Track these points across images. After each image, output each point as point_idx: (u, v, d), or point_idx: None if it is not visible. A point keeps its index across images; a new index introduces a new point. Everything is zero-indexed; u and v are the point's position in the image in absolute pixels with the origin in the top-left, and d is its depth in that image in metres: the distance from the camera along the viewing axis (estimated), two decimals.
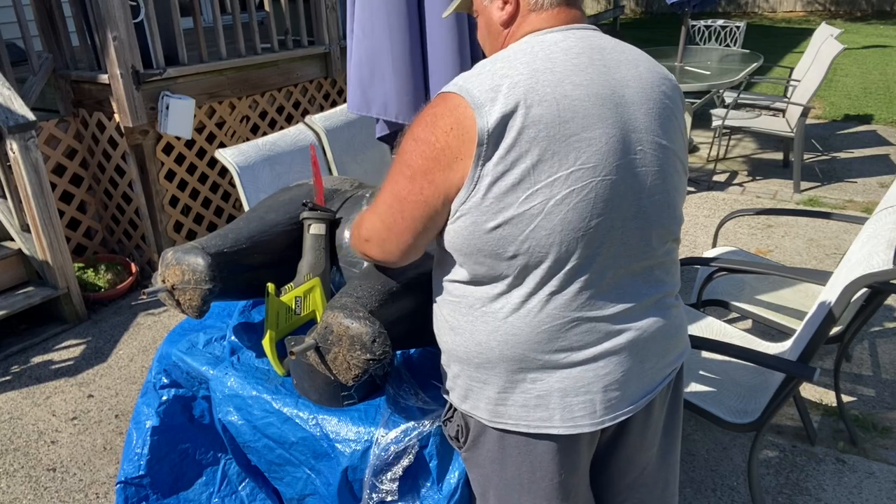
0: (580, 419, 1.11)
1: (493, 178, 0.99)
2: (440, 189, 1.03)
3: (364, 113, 2.17)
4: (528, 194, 0.99)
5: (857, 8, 12.69)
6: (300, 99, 4.41)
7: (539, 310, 1.06)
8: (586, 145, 0.99)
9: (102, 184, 3.76)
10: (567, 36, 1.06)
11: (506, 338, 1.08)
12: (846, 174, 4.88)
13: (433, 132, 1.02)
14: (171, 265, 1.44)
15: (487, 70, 1.02)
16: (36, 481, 2.33)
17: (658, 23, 12.96)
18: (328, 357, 1.22)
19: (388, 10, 1.98)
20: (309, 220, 1.60)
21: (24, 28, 3.32)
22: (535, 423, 1.12)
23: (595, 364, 1.09)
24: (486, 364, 1.11)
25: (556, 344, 1.07)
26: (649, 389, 1.17)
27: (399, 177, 1.07)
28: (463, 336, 1.13)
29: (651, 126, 1.06)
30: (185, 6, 5.03)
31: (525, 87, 0.98)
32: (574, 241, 1.02)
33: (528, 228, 1.00)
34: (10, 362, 3.01)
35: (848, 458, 2.25)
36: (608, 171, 1.01)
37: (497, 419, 1.14)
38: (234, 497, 1.77)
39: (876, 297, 1.98)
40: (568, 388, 1.10)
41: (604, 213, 1.02)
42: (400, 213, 1.08)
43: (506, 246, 1.02)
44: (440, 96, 1.04)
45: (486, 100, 0.98)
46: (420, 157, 1.03)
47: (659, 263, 1.13)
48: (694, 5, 4.71)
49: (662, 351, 1.17)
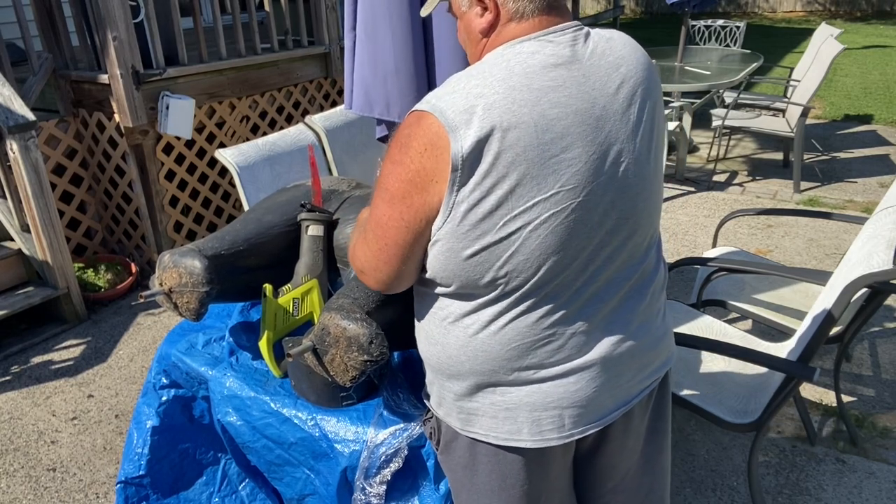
0: (548, 433, 1.11)
1: (470, 205, 0.95)
2: (420, 213, 0.99)
3: (367, 114, 2.17)
4: (506, 220, 0.96)
5: (857, 8, 12.68)
6: (300, 99, 4.41)
7: (511, 329, 1.05)
8: (566, 166, 0.96)
9: (102, 184, 3.76)
10: (544, 45, 1.00)
11: (475, 353, 1.08)
12: (846, 174, 4.87)
13: (407, 154, 0.98)
14: (168, 268, 1.44)
15: (462, 88, 0.97)
16: (36, 481, 2.33)
17: (658, 23, 12.95)
18: (325, 359, 1.22)
19: (389, 10, 1.98)
20: (307, 222, 1.60)
21: (24, 28, 3.32)
22: (503, 436, 1.12)
23: (565, 380, 1.08)
24: (457, 376, 1.12)
25: (526, 361, 1.07)
26: (624, 402, 1.16)
27: (379, 201, 1.03)
28: (436, 346, 1.13)
29: (632, 133, 1.02)
30: (185, 6, 5.03)
31: (501, 108, 0.93)
32: (552, 262, 1.00)
33: (506, 254, 0.98)
34: (10, 362, 3.01)
35: (848, 458, 2.25)
36: (588, 190, 0.98)
37: (468, 428, 1.15)
38: (234, 497, 1.77)
39: (876, 297, 1.98)
40: (536, 402, 1.09)
41: (583, 233, 1.00)
42: (384, 240, 1.04)
43: (483, 273, 1.00)
44: (413, 115, 0.99)
45: (461, 122, 0.93)
46: (397, 180, 0.99)
47: (640, 276, 1.11)
48: (694, 5, 4.70)
49: (641, 364, 1.15)
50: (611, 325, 1.10)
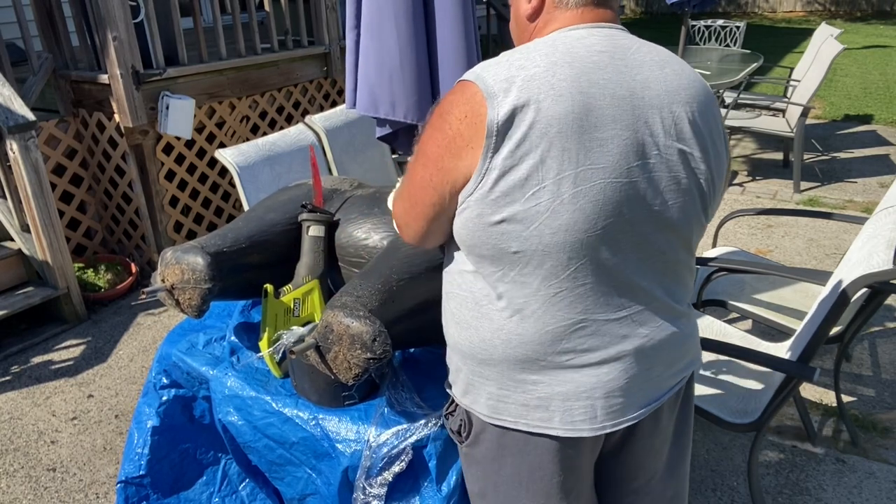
0: (580, 423, 1.10)
1: (501, 172, 0.97)
2: (448, 177, 1.03)
3: (372, 114, 2.17)
4: (535, 191, 0.97)
5: (857, 8, 12.69)
6: (300, 99, 4.41)
7: (544, 311, 1.05)
8: (597, 145, 0.97)
9: (102, 184, 3.76)
10: (592, 33, 1.05)
11: (509, 337, 1.08)
12: (846, 174, 4.88)
13: (447, 120, 1.02)
14: (171, 264, 1.44)
15: (506, 60, 1.01)
16: (36, 481, 2.33)
17: (658, 23, 12.96)
18: (328, 356, 1.22)
19: (395, 10, 1.98)
20: (308, 222, 1.60)
21: (24, 28, 3.32)
22: (534, 423, 1.11)
23: (599, 369, 1.08)
24: (489, 361, 1.11)
25: (560, 346, 1.07)
26: (655, 398, 1.16)
27: (415, 164, 1.09)
28: (468, 331, 1.13)
29: (670, 130, 1.03)
30: (185, 6, 5.03)
31: (540, 80, 0.97)
32: (580, 242, 1.00)
33: (533, 225, 0.99)
34: (10, 362, 3.01)
35: (848, 458, 2.25)
36: (618, 173, 0.99)
37: (496, 415, 1.14)
38: (235, 497, 1.77)
39: (876, 297, 1.98)
40: (569, 391, 1.09)
41: (613, 216, 1.00)
42: (414, 198, 1.10)
43: (509, 241, 1.01)
44: (459, 84, 1.04)
45: (500, 90, 0.97)
46: (433, 144, 1.04)
47: (670, 271, 1.11)
48: (694, 5, 4.70)
49: (671, 359, 1.15)
50: (642, 316, 1.10)
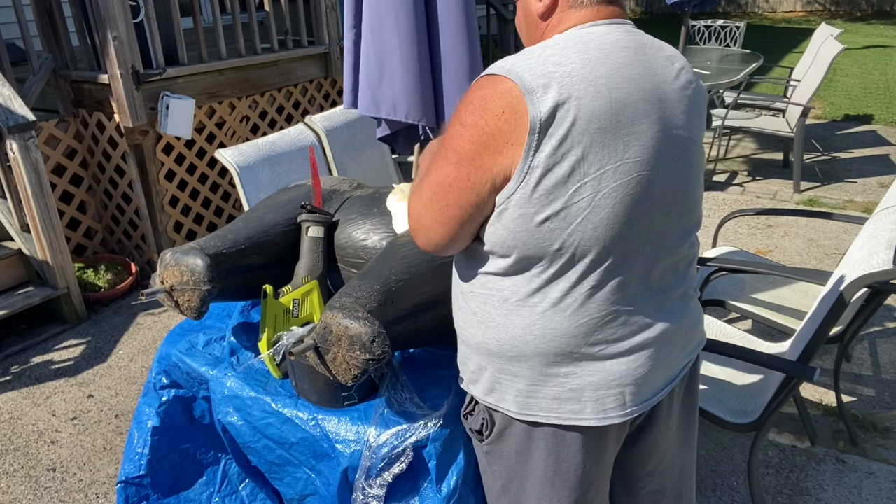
0: (611, 411, 1.12)
1: (545, 170, 0.98)
2: (488, 175, 1.01)
3: (373, 114, 2.17)
4: (578, 187, 0.98)
5: (857, 8, 12.68)
6: (300, 99, 4.41)
7: (579, 305, 1.06)
8: (634, 139, 1.00)
9: (102, 184, 3.76)
10: (613, 30, 1.06)
11: (543, 332, 1.08)
12: (846, 174, 4.87)
13: (483, 116, 1.00)
14: (170, 266, 1.44)
15: (537, 56, 1.01)
16: (36, 481, 2.33)
17: (658, 23, 12.95)
18: (327, 357, 1.22)
19: (395, 10, 1.98)
20: (307, 223, 1.60)
21: (24, 28, 3.32)
22: (566, 416, 1.12)
23: (627, 357, 1.11)
24: (519, 357, 1.11)
25: (593, 337, 1.08)
26: (671, 378, 1.20)
27: (444, 163, 1.05)
28: (495, 329, 1.12)
29: (685, 123, 1.08)
30: (185, 6, 5.03)
31: (579, 77, 0.98)
32: (618, 235, 1.02)
33: (576, 221, 1.00)
34: (10, 362, 3.01)
35: (848, 458, 2.25)
36: (653, 165, 1.02)
37: (526, 412, 1.14)
38: (235, 497, 1.77)
39: (876, 297, 1.98)
40: (601, 381, 1.11)
41: (648, 208, 1.04)
42: (445, 201, 1.05)
43: (553, 240, 1.01)
44: (488, 79, 1.01)
45: (538, 86, 0.97)
46: (468, 141, 1.01)
47: (684, 257, 1.16)
48: (694, 5, 4.70)
49: (685, 342, 1.19)
50: (665, 303, 1.14)
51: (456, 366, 1.51)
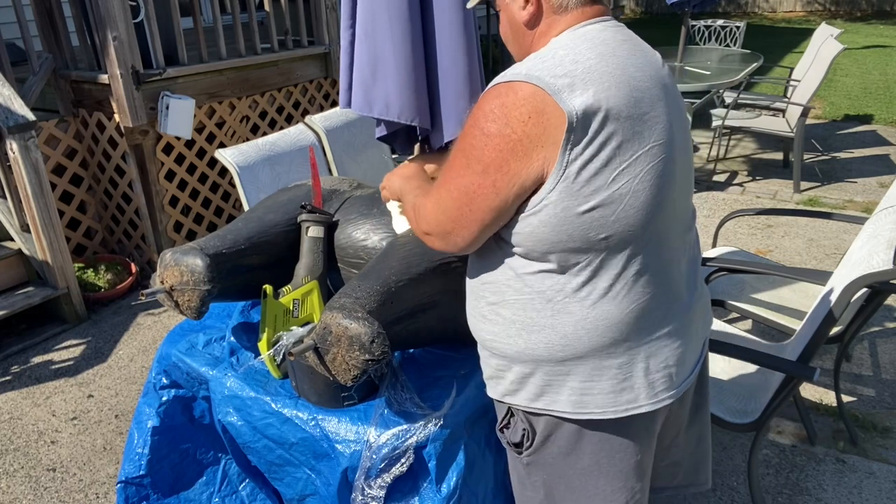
0: (661, 393, 1.14)
1: (583, 162, 0.99)
2: (515, 180, 1.02)
3: (365, 113, 2.16)
4: (616, 174, 1.01)
5: (857, 8, 12.68)
6: (300, 99, 4.41)
7: (627, 290, 1.08)
8: (655, 123, 1.04)
9: (102, 184, 3.76)
10: (605, 27, 1.09)
11: (595, 324, 1.08)
12: (846, 174, 4.87)
13: (508, 124, 1.00)
14: (170, 266, 1.44)
15: (551, 58, 1.02)
16: (36, 481, 2.33)
17: (658, 23, 12.95)
18: (327, 358, 1.22)
19: (388, 9, 1.98)
20: (307, 223, 1.60)
21: (24, 28, 3.32)
22: (622, 407, 1.13)
23: (671, 337, 1.14)
24: (572, 356, 1.11)
25: (642, 322, 1.10)
26: (699, 353, 1.25)
27: (467, 171, 1.05)
28: (541, 333, 1.11)
29: (679, 104, 1.13)
30: (185, 6, 5.03)
31: (599, 71, 1.01)
32: (654, 216, 1.06)
33: (620, 208, 1.02)
34: (10, 362, 3.01)
35: (848, 458, 2.25)
36: (671, 147, 1.07)
37: (581, 410, 1.13)
38: (235, 497, 1.77)
39: (876, 297, 1.98)
40: (650, 365, 1.13)
41: (672, 188, 1.08)
42: (468, 207, 1.07)
43: (598, 229, 1.03)
44: (505, 86, 1.01)
45: (563, 85, 0.99)
46: (494, 150, 1.02)
47: (695, 234, 1.21)
48: (694, 5, 4.71)
49: (704, 319, 1.26)
50: (688, 281, 1.18)
51: (456, 366, 1.51)
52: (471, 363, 1.50)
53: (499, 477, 1.48)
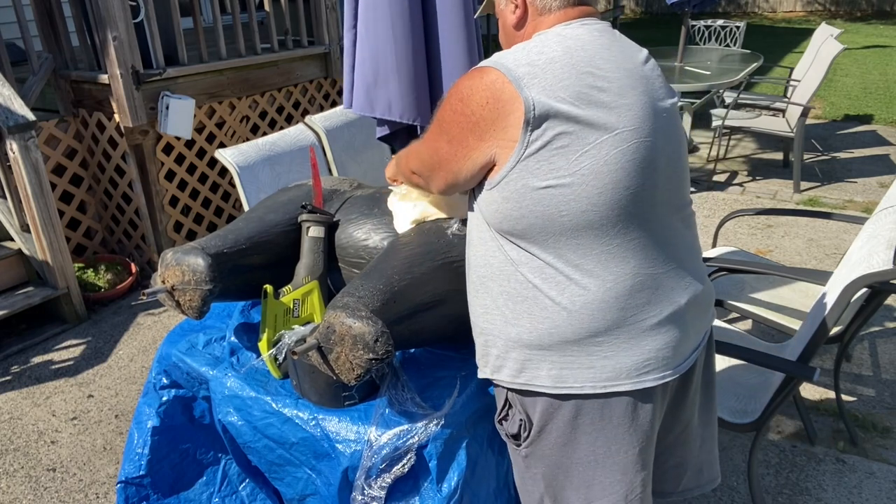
0: (645, 374, 1.15)
1: (543, 143, 1.04)
2: (471, 154, 1.11)
3: (367, 113, 2.17)
4: (578, 156, 1.05)
5: (857, 8, 12.69)
6: (300, 99, 4.41)
7: (602, 268, 1.10)
8: (625, 110, 1.07)
9: (102, 184, 3.76)
10: (584, 25, 1.14)
11: (573, 302, 1.11)
12: (846, 174, 4.88)
13: (469, 105, 1.09)
14: (171, 266, 1.44)
15: (521, 49, 1.10)
16: (36, 481, 2.33)
17: (658, 23, 12.95)
18: (331, 357, 1.22)
19: (391, 10, 1.98)
20: (307, 223, 1.60)
21: (24, 28, 3.32)
22: (601, 384, 1.14)
23: (657, 323, 1.14)
24: (552, 333, 1.13)
25: (624, 302, 1.11)
26: (696, 345, 1.24)
27: (439, 137, 1.17)
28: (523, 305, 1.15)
29: (664, 96, 1.15)
30: (185, 6, 5.03)
31: (562, 61, 1.06)
32: (625, 199, 1.07)
33: (581, 188, 1.05)
34: (10, 362, 3.01)
35: (848, 458, 2.25)
36: (647, 133, 1.09)
37: (560, 384, 1.15)
38: (235, 497, 1.77)
39: (876, 297, 1.98)
40: (634, 347, 1.13)
41: (648, 173, 1.09)
42: (438, 165, 1.18)
43: (557, 206, 1.06)
44: (477, 70, 1.10)
45: (524, 73, 1.05)
46: (457, 126, 1.12)
47: (690, 223, 1.22)
48: (694, 5, 4.71)
49: (704, 309, 1.25)
50: (683, 268, 1.19)
51: (457, 366, 1.51)
52: (472, 363, 1.50)
53: (501, 477, 1.48)
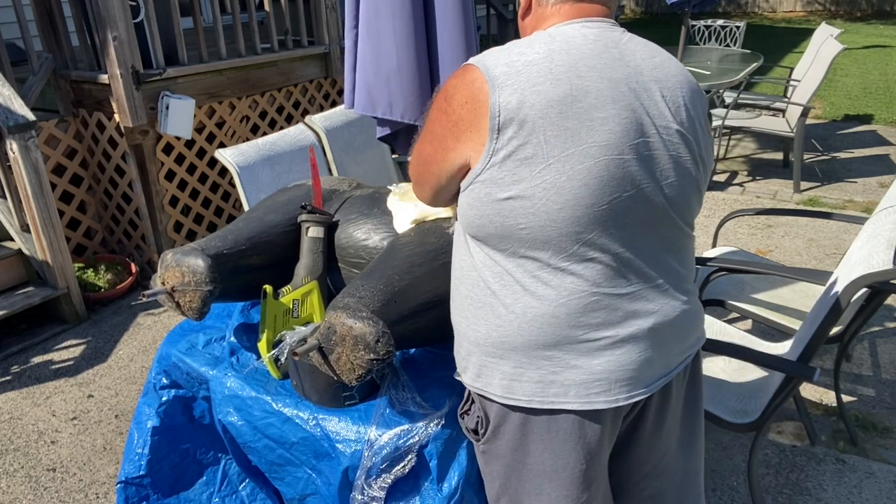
0: (595, 396, 1.12)
1: (509, 152, 1.02)
2: (450, 155, 1.10)
3: (369, 113, 2.17)
4: (541, 169, 1.01)
5: (857, 8, 12.68)
6: (300, 99, 4.41)
7: (558, 282, 1.07)
8: (599, 124, 1.02)
9: (102, 184, 3.76)
10: (585, 25, 1.10)
11: (524, 313, 1.10)
12: (846, 174, 4.88)
13: (450, 104, 1.08)
14: (171, 267, 1.44)
15: (507, 48, 1.08)
16: (36, 481, 2.33)
17: (658, 23, 12.95)
18: (331, 357, 1.22)
19: (392, 10, 1.98)
20: (307, 223, 1.60)
21: (24, 28, 3.32)
22: (549, 399, 1.12)
23: (615, 351, 1.11)
24: (504, 342, 1.13)
25: (576, 320, 1.09)
26: (665, 372, 1.18)
27: (426, 139, 1.16)
28: (482, 311, 1.14)
29: (665, 113, 1.08)
30: (185, 6, 5.03)
31: (539, 65, 1.03)
32: (587, 217, 1.03)
33: (541, 201, 1.02)
34: (10, 362, 3.01)
35: (848, 458, 2.25)
36: (620, 150, 1.03)
37: (509, 395, 1.15)
38: (235, 497, 1.77)
39: (876, 297, 1.98)
40: (585, 366, 1.11)
41: (617, 192, 1.04)
42: (425, 168, 1.18)
43: (516, 217, 1.04)
44: (463, 68, 1.09)
45: (501, 74, 1.03)
46: (440, 125, 1.11)
47: (673, 247, 1.15)
48: (694, 5, 4.70)
49: (681, 336, 1.19)
50: (651, 292, 1.13)
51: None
52: None
53: None
